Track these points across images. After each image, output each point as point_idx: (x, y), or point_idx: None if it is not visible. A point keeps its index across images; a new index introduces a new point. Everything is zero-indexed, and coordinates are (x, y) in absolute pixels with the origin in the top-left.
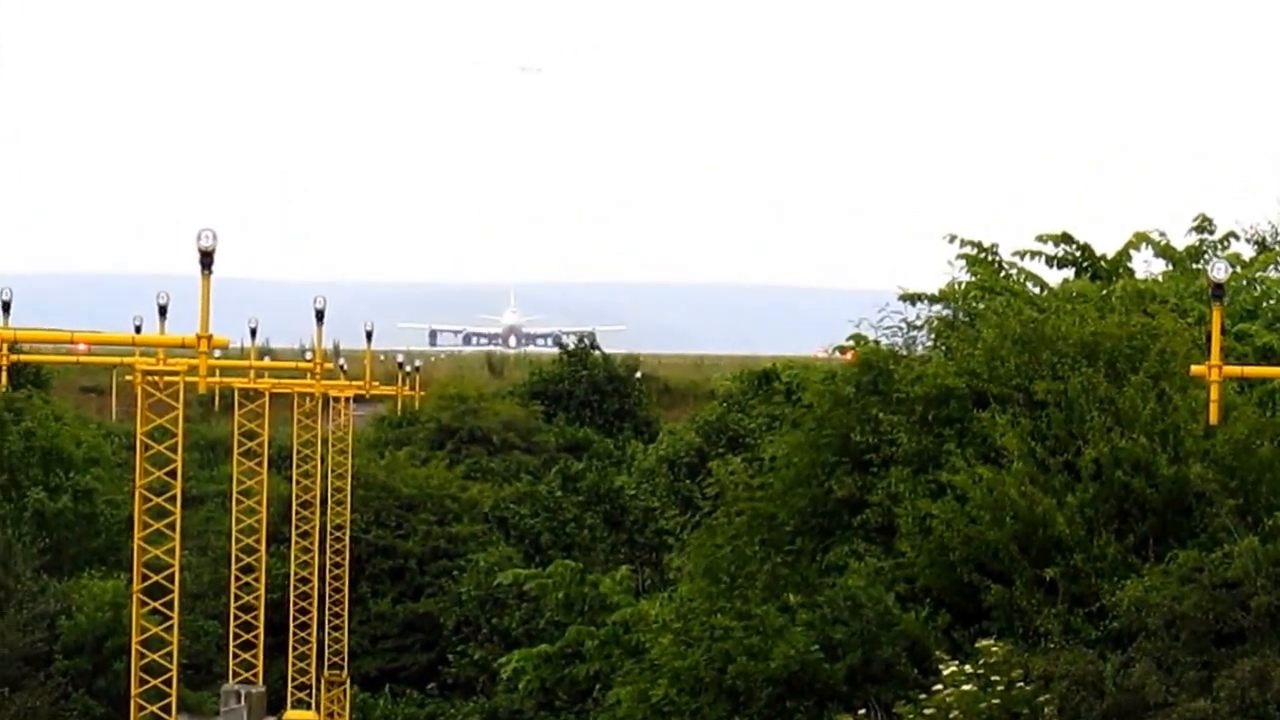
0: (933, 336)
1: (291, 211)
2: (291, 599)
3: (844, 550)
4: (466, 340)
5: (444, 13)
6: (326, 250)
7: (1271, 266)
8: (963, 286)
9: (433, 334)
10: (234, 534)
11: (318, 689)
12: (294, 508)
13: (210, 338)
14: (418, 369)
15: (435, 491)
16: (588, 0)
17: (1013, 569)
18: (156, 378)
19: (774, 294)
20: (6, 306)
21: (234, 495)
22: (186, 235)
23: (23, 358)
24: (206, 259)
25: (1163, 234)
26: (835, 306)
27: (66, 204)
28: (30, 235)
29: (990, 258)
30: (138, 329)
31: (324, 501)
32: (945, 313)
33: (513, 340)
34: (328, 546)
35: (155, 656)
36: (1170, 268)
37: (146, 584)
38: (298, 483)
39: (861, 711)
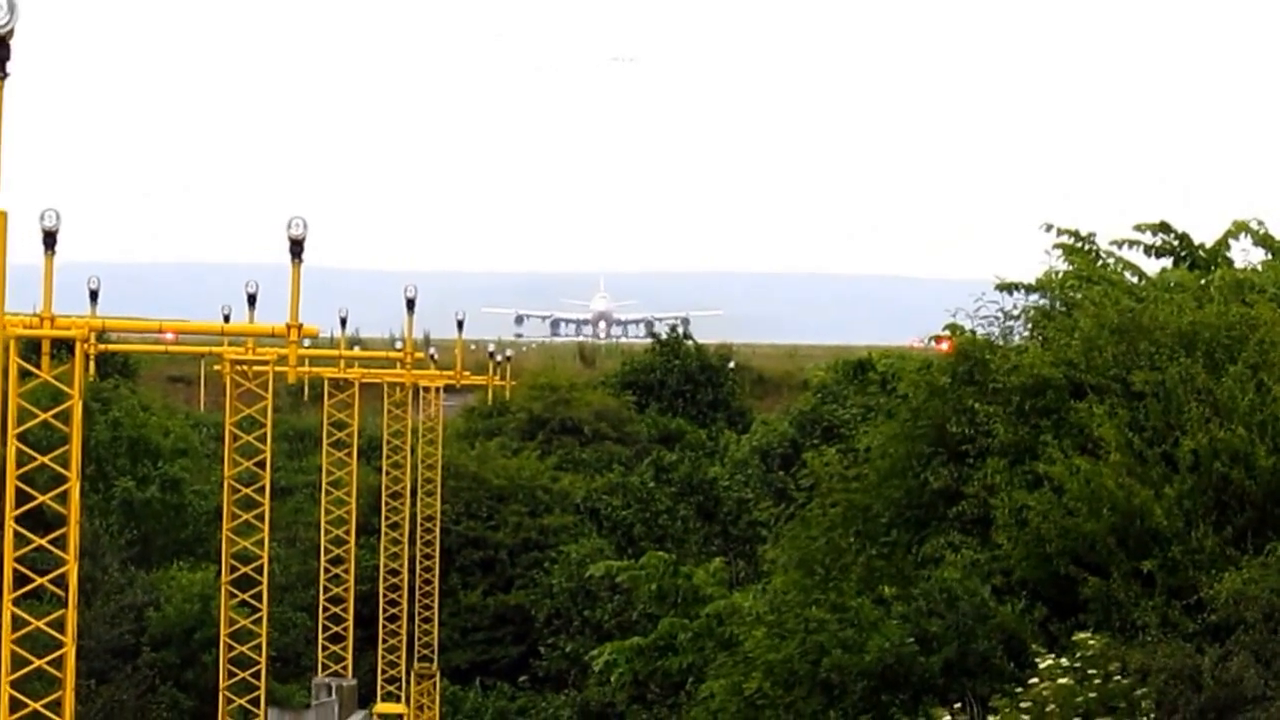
0: (1029, 326)
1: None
2: (381, 591)
3: (939, 542)
4: (554, 326)
5: (532, 5)
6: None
7: None
8: (1060, 276)
9: (519, 318)
10: (323, 525)
11: (407, 682)
12: (383, 499)
13: (300, 327)
14: (508, 358)
15: (526, 482)
16: None
17: (1110, 561)
18: (245, 367)
19: (868, 283)
20: (94, 295)
21: (323, 486)
22: (276, 224)
23: (110, 347)
24: (297, 247)
25: (1261, 223)
26: (930, 296)
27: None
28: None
29: (1087, 247)
30: (226, 318)
31: (414, 492)
32: (1042, 302)
33: (602, 326)
34: (418, 538)
35: (244, 649)
36: (1269, 257)
37: (235, 575)
38: (387, 473)
39: (957, 705)
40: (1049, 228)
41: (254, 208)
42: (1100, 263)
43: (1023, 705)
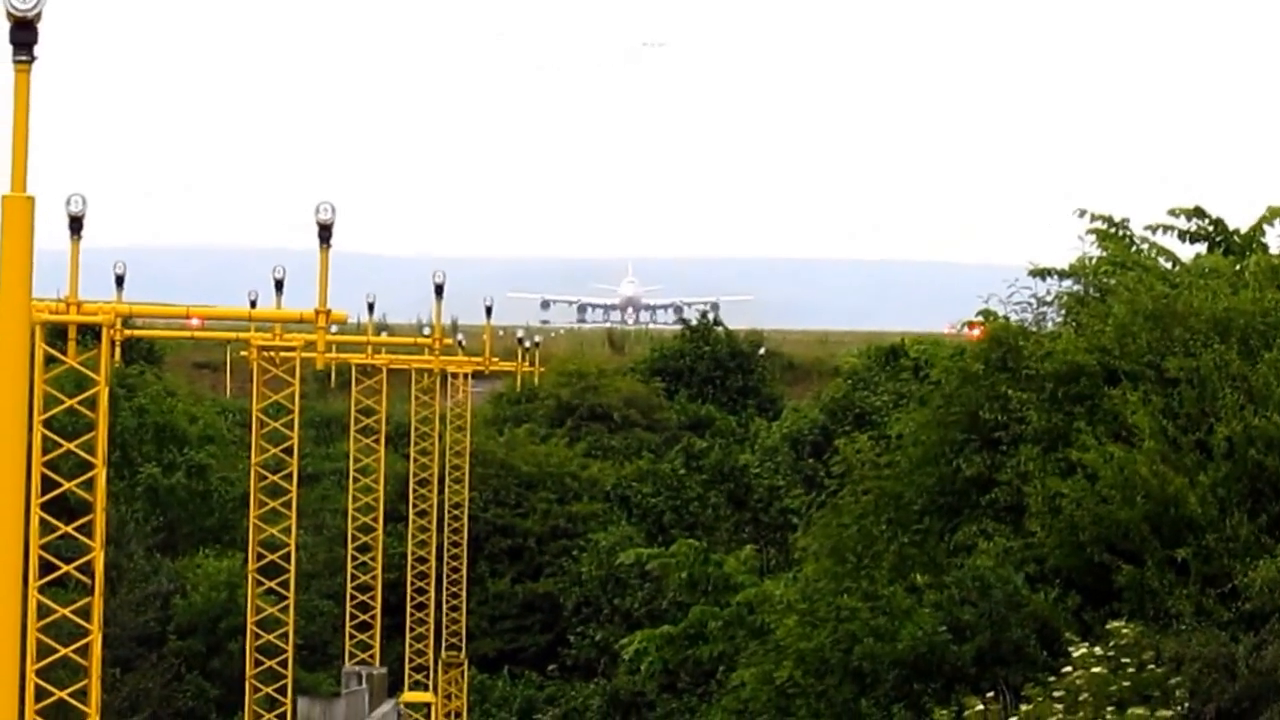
0: (1063, 312)
1: (407, 187)
2: (409, 579)
3: (972, 530)
4: (581, 311)
5: None
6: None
7: None
8: (1093, 261)
9: (545, 303)
10: (350, 512)
11: (435, 670)
12: (411, 486)
13: (329, 312)
14: (537, 345)
15: (555, 469)
16: None
17: (1144, 549)
18: (272, 353)
19: (900, 269)
20: (120, 280)
21: (351, 473)
22: (304, 210)
23: (136, 333)
24: (325, 233)
25: None
26: (963, 282)
27: (186, 178)
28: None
29: (1121, 232)
30: (253, 303)
31: (442, 480)
32: (1075, 288)
33: (631, 311)
34: (445, 525)
35: (270, 637)
36: None
37: (262, 563)
38: (415, 460)
39: (990, 694)
40: (1082, 213)
41: (282, 193)
42: (1134, 248)
43: (1056, 694)
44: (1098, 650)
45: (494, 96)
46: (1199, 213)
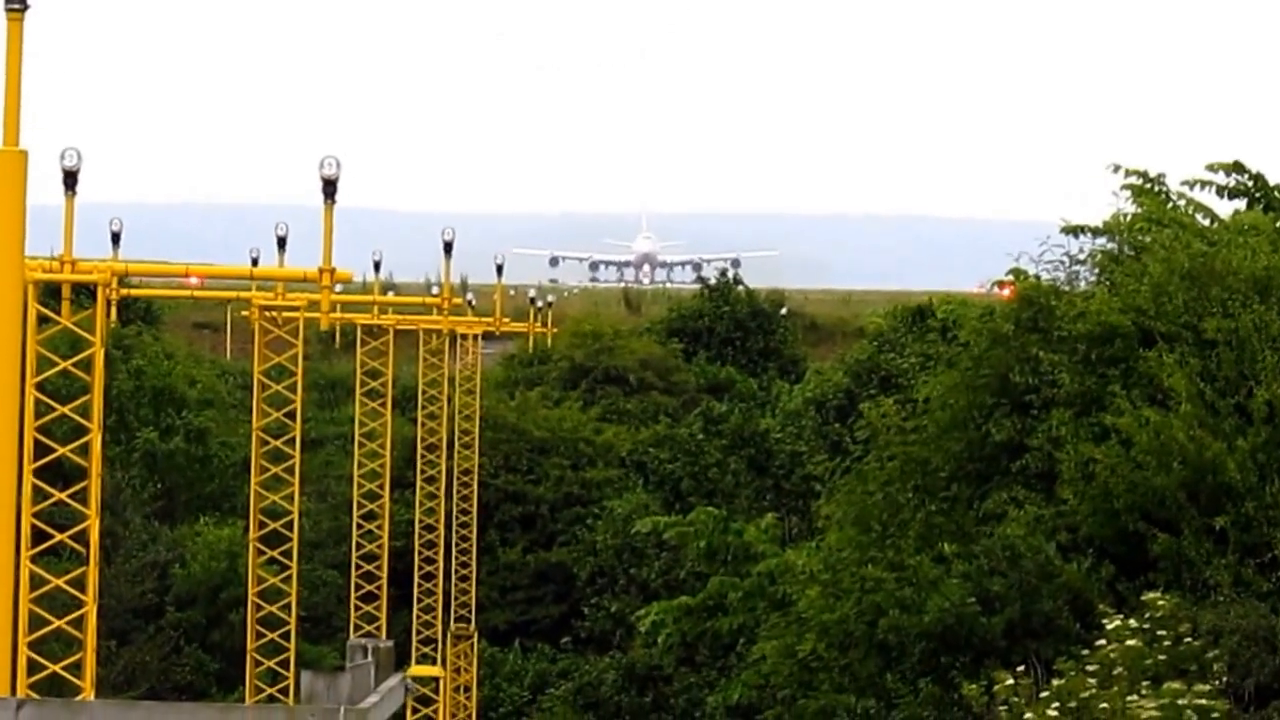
0: (1096, 271)
1: (413, 140)
2: (416, 548)
3: (1002, 497)
4: (594, 269)
5: None
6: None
7: None
8: (1128, 218)
9: (554, 260)
10: (356, 479)
11: (444, 643)
12: (419, 451)
13: (333, 271)
14: (550, 304)
15: (568, 434)
16: None
17: (1180, 517)
18: (275, 313)
19: (927, 225)
20: (116, 238)
21: (356, 438)
22: (308, 164)
23: (133, 292)
24: (330, 188)
25: None
26: (993, 239)
27: (187, 132)
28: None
29: (1157, 188)
30: (255, 261)
31: (451, 445)
32: (1109, 246)
33: (647, 268)
34: (455, 492)
35: (273, 608)
36: None
37: (264, 532)
38: (423, 425)
39: (1020, 667)
40: (1116, 168)
41: (284, 146)
42: (1170, 205)
43: (1089, 668)
44: (1132, 622)
45: (503, 44)
46: (1238, 167)
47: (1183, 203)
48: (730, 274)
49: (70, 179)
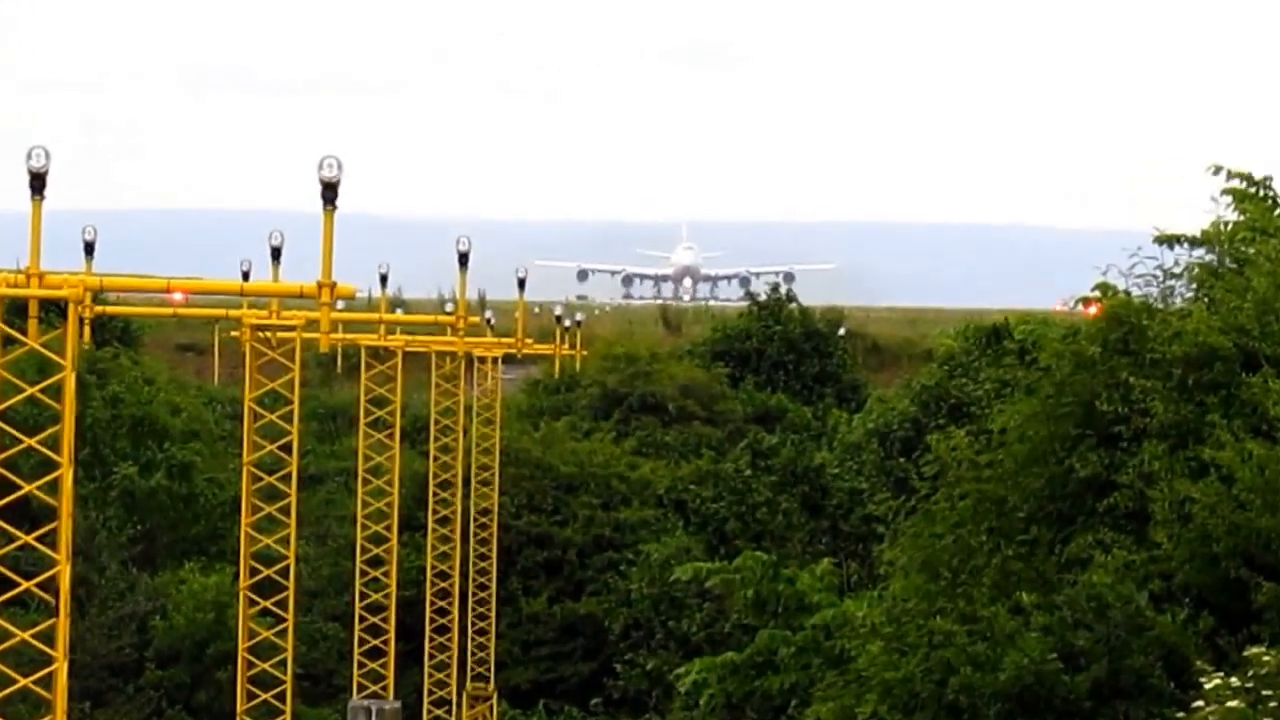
0: (1194, 286)
1: (424, 140)
2: (428, 598)
3: (1087, 540)
4: (627, 283)
5: None
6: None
7: None
8: (1229, 227)
9: (582, 273)
10: (360, 520)
11: (458, 705)
12: (431, 489)
13: (334, 286)
14: (578, 323)
15: (600, 470)
16: None
17: None
18: (269, 334)
19: (1002, 235)
20: (90, 248)
21: (360, 474)
22: (305, 166)
23: (109, 309)
24: (330, 192)
25: None
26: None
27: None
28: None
29: (1262, 193)
30: (246, 275)
31: (467, 482)
32: (1208, 258)
33: (687, 282)
34: (471, 535)
35: (266, 666)
36: None
37: (256, 579)
38: (436, 459)
39: None
40: (1217, 170)
41: (278, 148)
42: (1277, 211)
43: None
44: (1234, 681)
45: (528, 42)
46: None
47: None
48: (783, 289)
49: (37, 182)
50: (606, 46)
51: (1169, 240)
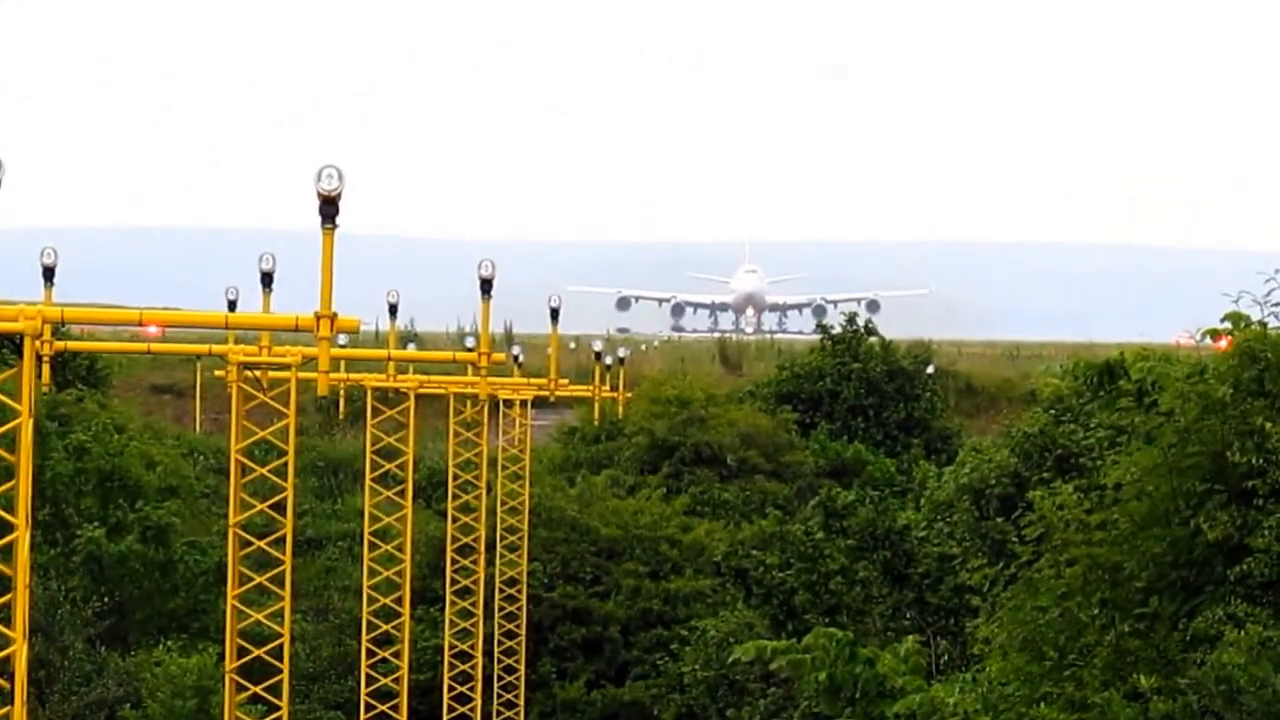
0: None
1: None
2: (445, 682)
3: (1216, 614)
4: (677, 312)
5: None
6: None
7: None
8: None
9: (624, 301)
10: (365, 591)
11: None
12: (449, 555)
13: (334, 317)
14: (621, 361)
15: (646, 532)
16: None
17: None
18: (259, 373)
19: (1115, 256)
20: (50, 273)
21: (366, 538)
22: (301, 179)
23: (72, 345)
24: (329, 208)
25: None
26: (1204, 274)
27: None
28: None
29: None
30: (232, 305)
31: (492, 546)
32: None
33: (750, 313)
34: (496, 609)
35: None
36: None
37: (244, 660)
38: (455, 520)
39: None
40: None
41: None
42: None
43: None
44: None
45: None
46: None
47: None
48: (861, 320)
49: None
50: (647, 54)
51: None
